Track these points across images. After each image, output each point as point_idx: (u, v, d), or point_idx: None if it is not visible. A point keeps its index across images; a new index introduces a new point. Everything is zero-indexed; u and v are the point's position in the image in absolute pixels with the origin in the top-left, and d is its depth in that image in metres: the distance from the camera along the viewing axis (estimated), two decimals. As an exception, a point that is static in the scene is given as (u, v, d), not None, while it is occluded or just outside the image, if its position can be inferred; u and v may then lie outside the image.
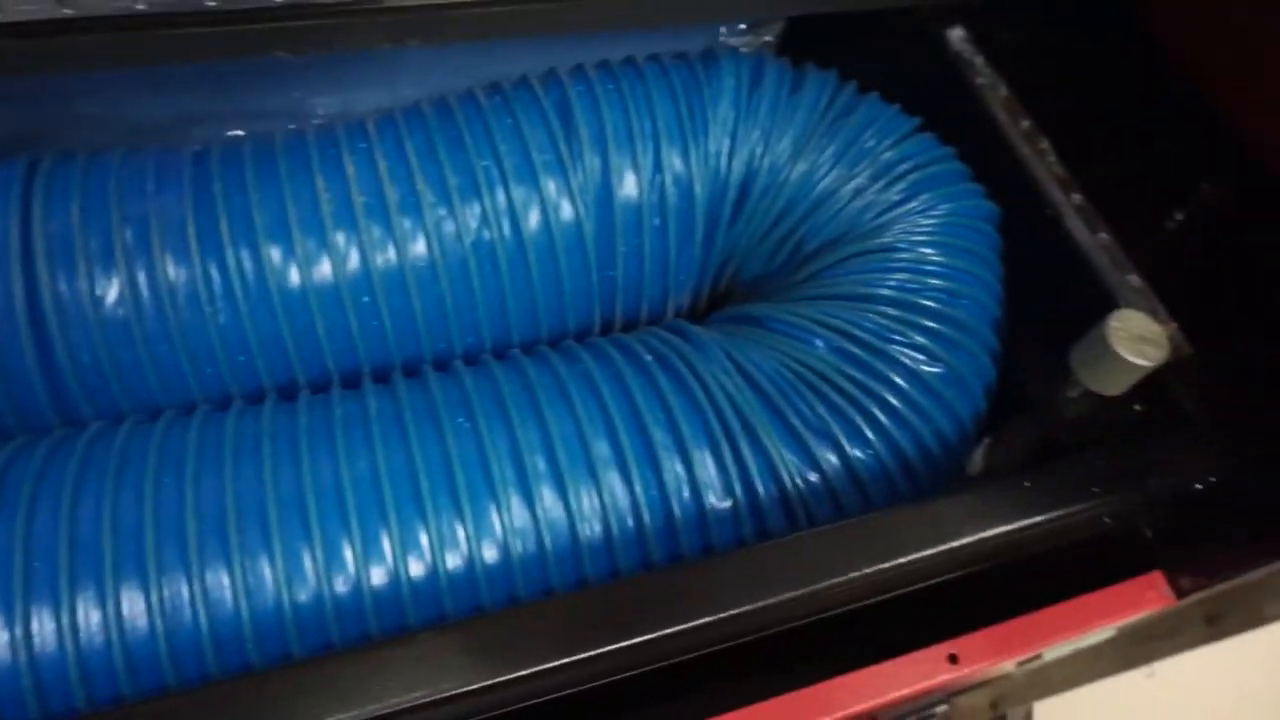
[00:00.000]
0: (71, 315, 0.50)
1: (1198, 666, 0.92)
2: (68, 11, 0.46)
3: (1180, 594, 0.54)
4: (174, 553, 0.45)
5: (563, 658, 0.40)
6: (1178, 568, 0.54)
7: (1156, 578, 0.55)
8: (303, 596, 0.45)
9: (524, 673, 0.40)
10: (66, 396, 0.52)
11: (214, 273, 0.52)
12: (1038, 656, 0.53)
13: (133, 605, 0.43)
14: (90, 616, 0.43)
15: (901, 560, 0.43)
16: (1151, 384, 0.54)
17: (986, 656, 0.51)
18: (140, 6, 0.47)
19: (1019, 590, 0.54)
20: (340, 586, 0.46)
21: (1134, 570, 0.55)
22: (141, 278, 0.51)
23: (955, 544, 0.45)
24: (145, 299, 0.51)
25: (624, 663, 0.42)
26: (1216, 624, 0.90)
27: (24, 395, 0.50)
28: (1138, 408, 0.54)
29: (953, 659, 0.51)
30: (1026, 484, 0.48)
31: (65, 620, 0.43)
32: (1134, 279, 0.55)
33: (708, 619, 0.42)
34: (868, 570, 0.44)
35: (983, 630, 0.52)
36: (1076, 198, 0.58)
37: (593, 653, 0.40)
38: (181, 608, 0.44)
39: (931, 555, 0.44)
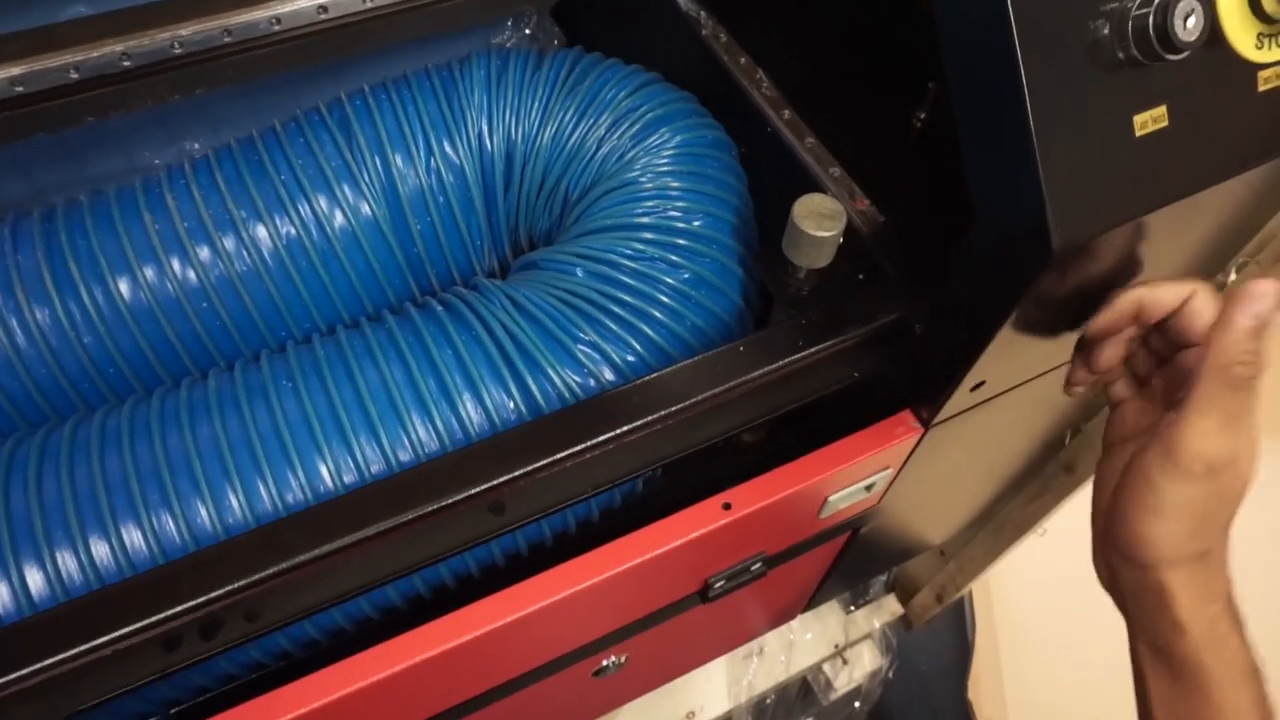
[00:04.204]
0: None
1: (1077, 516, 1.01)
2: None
3: (924, 424, 0.63)
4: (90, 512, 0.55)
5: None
6: (920, 403, 0.63)
7: (905, 415, 0.65)
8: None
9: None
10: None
11: (73, 308, 0.63)
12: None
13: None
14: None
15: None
16: (862, 253, 0.63)
17: (756, 500, 0.61)
18: (-36, 102, 0.59)
19: (787, 450, 0.64)
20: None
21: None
22: (13, 322, 0.62)
23: (685, 403, 0.54)
24: (20, 340, 0.62)
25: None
26: (1074, 472, 0.99)
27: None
28: (861, 276, 0.64)
29: (726, 506, 0.61)
30: (741, 349, 0.57)
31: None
32: (835, 170, 0.65)
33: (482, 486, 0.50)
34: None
35: (750, 480, 0.62)
36: (787, 113, 0.67)
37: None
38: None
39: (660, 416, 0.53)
